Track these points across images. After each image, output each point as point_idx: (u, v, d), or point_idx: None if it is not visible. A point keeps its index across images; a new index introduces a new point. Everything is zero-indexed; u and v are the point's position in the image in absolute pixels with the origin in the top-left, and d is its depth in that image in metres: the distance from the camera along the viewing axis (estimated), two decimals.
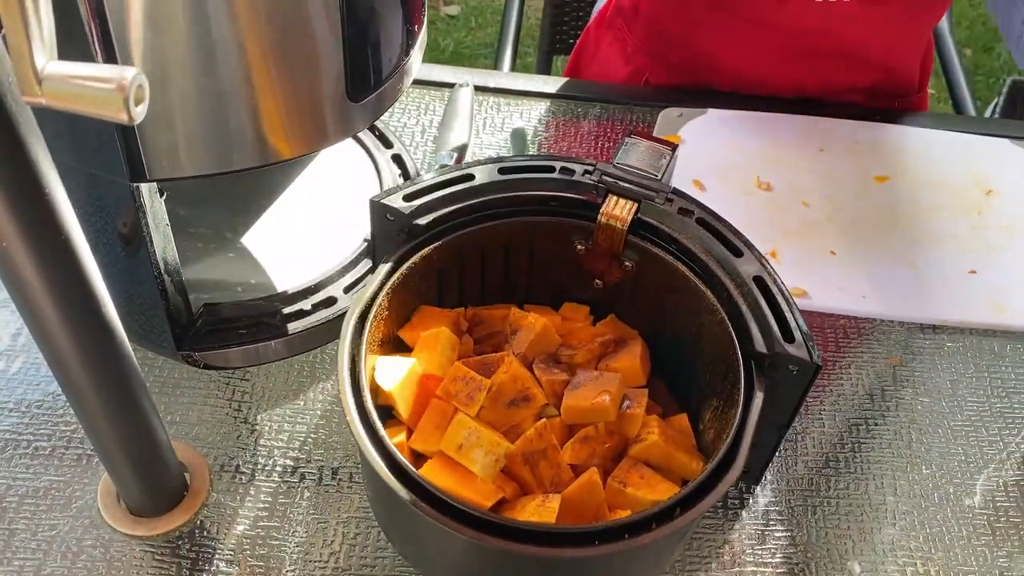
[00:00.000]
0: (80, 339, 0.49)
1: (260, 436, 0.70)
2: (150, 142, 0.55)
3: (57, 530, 0.64)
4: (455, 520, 0.50)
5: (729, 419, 0.55)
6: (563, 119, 0.96)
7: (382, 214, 0.62)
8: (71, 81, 0.32)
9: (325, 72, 0.56)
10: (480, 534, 0.50)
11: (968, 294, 0.81)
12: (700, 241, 0.62)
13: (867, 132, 0.93)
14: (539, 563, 0.53)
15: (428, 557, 0.60)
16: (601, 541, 0.50)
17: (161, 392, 0.72)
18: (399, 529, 0.61)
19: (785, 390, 0.58)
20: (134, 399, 0.56)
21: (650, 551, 0.54)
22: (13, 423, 0.70)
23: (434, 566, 0.61)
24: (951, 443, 0.73)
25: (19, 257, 0.43)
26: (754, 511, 0.68)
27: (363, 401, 0.54)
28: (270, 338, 0.71)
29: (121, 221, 0.62)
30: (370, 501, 0.66)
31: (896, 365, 0.78)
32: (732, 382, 0.57)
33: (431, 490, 0.51)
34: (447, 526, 0.50)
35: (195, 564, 0.63)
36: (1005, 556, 0.66)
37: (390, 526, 0.62)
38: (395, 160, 0.84)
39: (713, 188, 0.87)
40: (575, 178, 0.65)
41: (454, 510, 0.50)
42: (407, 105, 0.95)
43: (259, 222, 0.79)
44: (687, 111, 0.94)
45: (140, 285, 0.65)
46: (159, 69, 0.51)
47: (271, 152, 0.58)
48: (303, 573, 0.63)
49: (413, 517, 0.52)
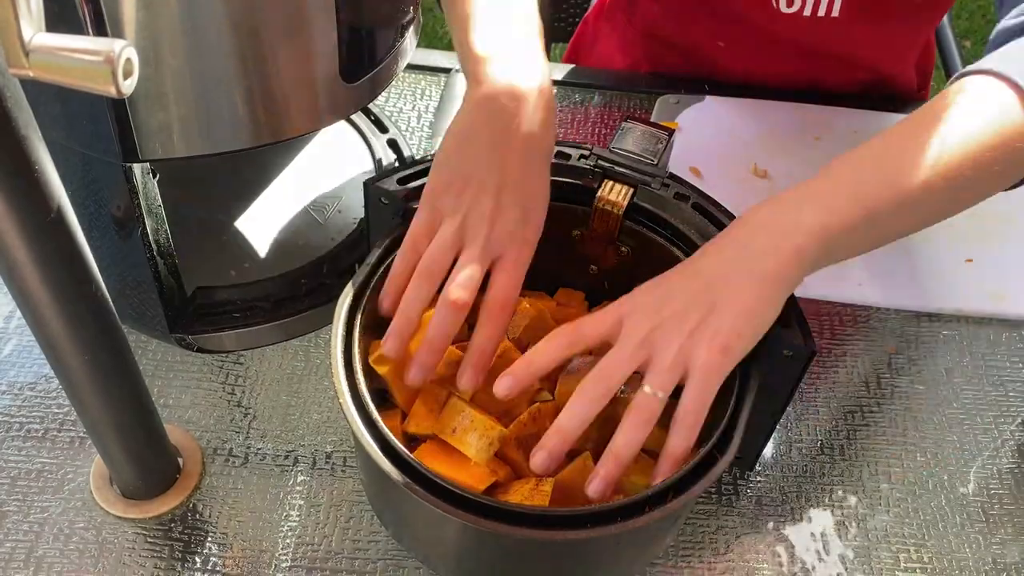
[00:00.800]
0: (72, 319, 0.49)
1: (253, 420, 0.70)
2: (143, 122, 0.54)
3: (49, 512, 0.64)
4: (448, 503, 0.50)
5: (724, 404, 0.55)
6: (561, 105, 0.96)
7: (376, 197, 0.62)
8: (59, 53, 0.31)
9: (318, 51, 0.56)
10: (473, 516, 0.49)
11: (964, 283, 0.81)
12: (696, 226, 0.62)
13: (864, 121, 0.93)
14: (532, 545, 0.53)
15: (422, 541, 0.60)
16: (593, 524, 0.50)
17: (154, 375, 0.72)
18: (393, 513, 0.61)
19: (780, 376, 0.58)
20: (127, 381, 0.56)
21: (643, 534, 0.54)
22: (5, 405, 0.70)
23: (428, 550, 0.61)
24: (946, 431, 0.73)
25: (9, 235, 0.43)
26: (748, 497, 0.68)
27: (356, 384, 0.54)
28: (264, 322, 0.71)
29: (114, 203, 0.62)
30: (364, 486, 0.66)
31: (892, 353, 0.77)
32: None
33: (425, 473, 0.51)
34: (441, 509, 0.50)
35: (187, 547, 0.63)
36: (999, 543, 0.66)
37: (384, 510, 0.62)
38: (391, 145, 0.84)
39: (710, 175, 0.87)
40: (571, 162, 0.64)
41: (447, 493, 0.50)
42: (403, 90, 0.95)
43: (253, 205, 0.79)
44: (684, 98, 0.94)
45: (133, 268, 0.65)
46: (151, 48, 0.51)
47: (264, 133, 0.58)
48: (296, 556, 0.63)
49: (407, 500, 0.52)
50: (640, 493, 0.51)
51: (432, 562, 0.62)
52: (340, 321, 0.56)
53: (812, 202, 0.54)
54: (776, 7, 0.89)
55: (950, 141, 0.55)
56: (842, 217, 0.53)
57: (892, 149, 0.56)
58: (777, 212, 0.55)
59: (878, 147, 0.56)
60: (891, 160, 0.55)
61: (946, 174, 0.54)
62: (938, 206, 0.57)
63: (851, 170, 0.56)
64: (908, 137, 0.56)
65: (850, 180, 0.55)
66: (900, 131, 0.57)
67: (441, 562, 0.62)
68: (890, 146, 0.56)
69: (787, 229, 0.53)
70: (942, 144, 0.55)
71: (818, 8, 0.88)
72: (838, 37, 0.92)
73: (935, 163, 0.54)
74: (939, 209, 0.58)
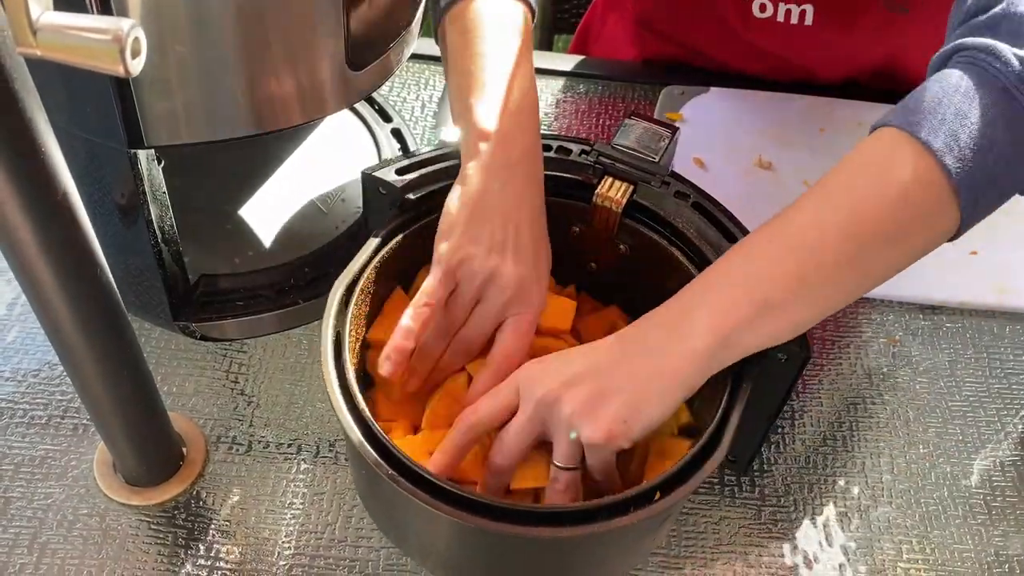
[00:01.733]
0: (77, 303, 0.49)
1: (257, 408, 0.70)
2: (148, 108, 0.54)
3: (53, 499, 0.64)
4: (433, 496, 0.49)
5: (716, 405, 0.55)
6: (564, 96, 0.96)
7: (374, 187, 0.62)
8: (67, 32, 0.31)
9: (325, 39, 0.56)
10: (459, 511, 0.49)
11: (969, 275, 0.81)
12: (694, 225, 0.61)
13: (869, 113, 0.93)
14: (513, 542, 0.52)
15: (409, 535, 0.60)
16: (576, 522, 0.50)
17: (158, 363, 0.72)
18: (377, 502, 0.60)
19: (774, 378, 0.57)
20: (131, 367, 0.56)
21: (629, 533, 0.54)
22: (9, 392, 0.70)
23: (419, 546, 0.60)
24: (949, 423, 0.73)
25: (15, 218, 0.43)
26: (750, 488, 0.68)
27: (345, 374, 0.54)
28: (267, 310, 0.71)
29: (119, 190, 0.62)
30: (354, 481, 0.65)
31: (895, 345, 0.77)
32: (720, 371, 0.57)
33: (408, 464, 0.50)
34: (423, 501, 0.49)
35: (190, 534, 0.63)
36: (1001, 535, 0.66)
37: (368, 497, 0.62)
38: (394, 134, 0.84)
39: (714, 166, 0.87)
40: (571, 158, 0.64)
41: (431, 485, 0.50)
42: (407, 80, 0.95)
43: (257, 194, 0.79)
44: (689, 89, 0.94)
45: (137, 255, 0.65)
46: (157, 33, 0.51)
47: (269, 120, 0.58)
48: (298, 544, 0.63)
49: (389, 489, 0.51)
50: (626, 492, 0.51)
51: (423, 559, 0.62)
52: (331, 313, 0.56)
53: (704, 305, 0.53)
54: (751, 12, 0.89)
55: (848, 214, 0.52)
56: (737, 314, 0.52)
57: (789, 229, 0.54)
58: (675, 312, 0.54)
59: (776, 228, 0.54)
60: (785, 244, 0.53)
61: (849, 252, 0.52)
62: (844, 287, 0.54)
63: (743, 260, 0.54)
64: (806, 213, 0.54)
65: (742, 272, 0.53)
66: (800, 208, 0.54)
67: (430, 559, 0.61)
68: (786, 228, 0.54)
69: (683, 332, 0.53)
70: (839, 218, 0.52)
71: (790, 16, 0.88)
72: (811, 48, 0.92)
73: (833, 241, 0.52)
74: (847, 289, 0.54)
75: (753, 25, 0.91)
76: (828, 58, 0.94)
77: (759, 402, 0.57)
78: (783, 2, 0.88)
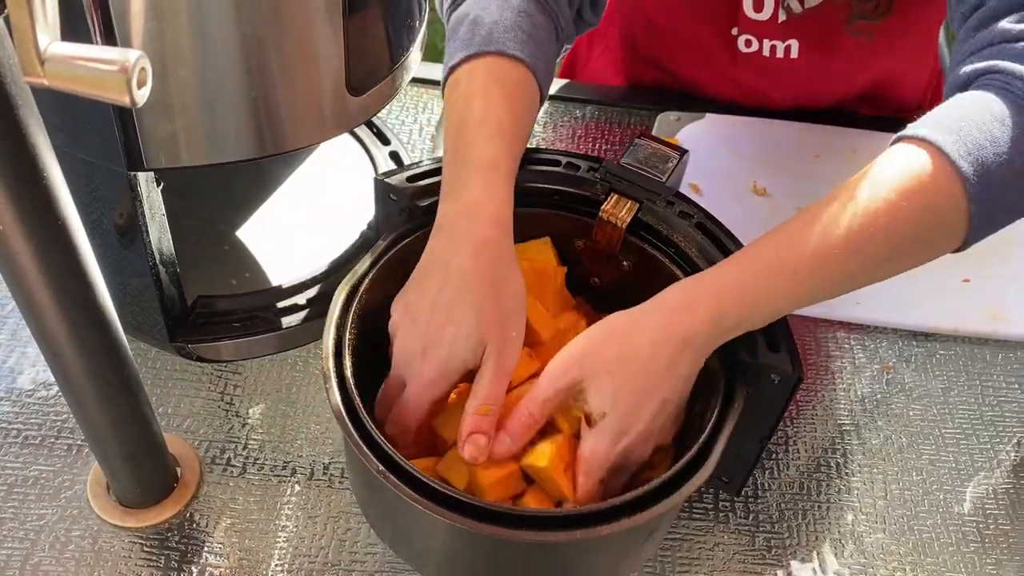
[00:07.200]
0: (75, 326, 0.49)
1: (251, 430, 0.70)
2: (148, 131, 0.55)
3: (46, 520, 0.64)
4: (425, 497, 0.50)
5: (706, 420, 0.55)
6: (560, 120, 0.96)
7: (385, 193, 0.63)
8: (74, 62, 0.31)
9: (325, 64, 0.56)
10: (450, 512, 0.50)
11: (962, 302, 0.81)
12: (696, 244, 0.62)
13: (864, 141, 0.94)
14: (500, 545, 0.53)
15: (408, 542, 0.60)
16: (561, 527, 0.50)
17: (153, 384, 0.72)
18: (369, 496, 0.61)
19: (767, 400, 0.57)
20: (127, 388, 0.56)
21: (613, 542, 0.54)
22: (4, 412, 0.70)
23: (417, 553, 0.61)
24: (942, 450, 0.73)
25: (16, 242, 0.43)
26: (744, 514, 0.68)
27: (344, 375, 0.55)
28: (263, 332, 0.71)
29: (117, 211, 0.62)
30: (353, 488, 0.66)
31: (888, 372, 0.78)
32: (711, 388, 0.57)
33: (402, 464, 0.51)
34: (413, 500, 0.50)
35: (184, 556, 0.63)
36: (993, 563, 0.67)
37: (368, 505, 0.62)
38: (392, 157, 0.84)
39: (709, 192, 0.87)
40: (579, 174, 0.65)
41: (423, 487, 0.50)
42: (405, 103, 0.95)
43: (255, 216, 0.79)
44: (685, 115, 0.95)
45: (135, 275, 0.65)
46: (159, 58, 0.51)
47: (269, 144, 0.58)
48: (292, 567, 0.63)
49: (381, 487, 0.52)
50: (610, 501, 0.51)
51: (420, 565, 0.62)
52: (334, 314, 0.57)
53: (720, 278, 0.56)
54: (736, 47, 0.91)
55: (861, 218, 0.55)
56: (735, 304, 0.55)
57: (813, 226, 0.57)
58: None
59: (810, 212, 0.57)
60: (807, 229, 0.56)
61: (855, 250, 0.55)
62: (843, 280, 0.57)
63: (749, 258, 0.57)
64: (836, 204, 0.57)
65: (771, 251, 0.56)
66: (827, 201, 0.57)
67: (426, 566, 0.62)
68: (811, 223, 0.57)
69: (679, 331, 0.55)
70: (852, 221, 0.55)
71: (775, 51, 0.90)
72: (798, 82, 0.94)
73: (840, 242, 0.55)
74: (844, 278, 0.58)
75: (740, 61, 0.92)
76: (815, 89, 0.96)
77: (752, 423, 0.57)
78: (767, 38, 0.89)
